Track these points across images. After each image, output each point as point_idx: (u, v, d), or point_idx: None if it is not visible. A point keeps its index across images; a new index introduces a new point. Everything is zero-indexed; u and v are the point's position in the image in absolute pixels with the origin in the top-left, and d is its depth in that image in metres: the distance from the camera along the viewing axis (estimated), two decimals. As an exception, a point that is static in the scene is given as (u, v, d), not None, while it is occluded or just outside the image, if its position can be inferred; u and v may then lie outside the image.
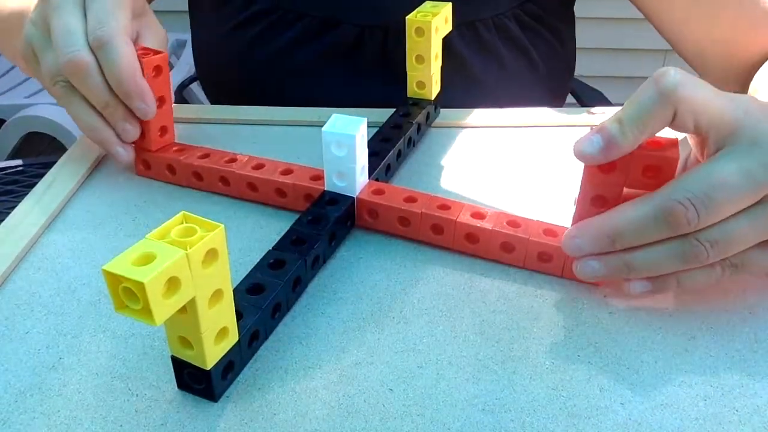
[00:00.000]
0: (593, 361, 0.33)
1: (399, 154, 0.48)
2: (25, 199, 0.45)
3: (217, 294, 0.29)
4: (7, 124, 1.53)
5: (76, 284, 0.38)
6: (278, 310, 0.35)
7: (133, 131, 0.46)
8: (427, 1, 0.52)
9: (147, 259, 0.25)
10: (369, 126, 0.41)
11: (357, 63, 0.61)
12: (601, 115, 0.56)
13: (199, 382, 0.31)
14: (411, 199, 0.41)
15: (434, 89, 0.53)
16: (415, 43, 0.50)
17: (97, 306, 0.36)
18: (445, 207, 0.40)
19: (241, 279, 0.35)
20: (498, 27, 0.62)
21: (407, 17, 0.49)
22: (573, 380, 0.32)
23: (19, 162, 0.61)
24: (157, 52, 0.45)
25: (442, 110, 0.56)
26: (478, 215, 0.39)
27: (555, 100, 0.69)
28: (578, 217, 0.35)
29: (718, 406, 0.30)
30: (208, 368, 0.30)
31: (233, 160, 0.45)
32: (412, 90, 0.53)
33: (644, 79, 0.33)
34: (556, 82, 0.68)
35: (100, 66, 0.43)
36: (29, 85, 1.63)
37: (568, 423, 0.30)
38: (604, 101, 0.95)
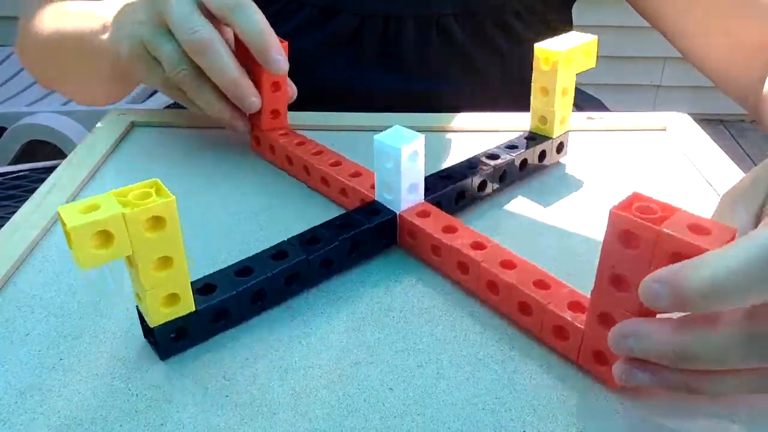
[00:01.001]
0: (593, 360, 0.33)
1: (482, 186, 0.45)
2: (27, 202, 0.45)
3: (165, 260, 0.30)
4: (8, 132, 1.53)
5: (76, 286, 0.38)
6: (262, 298, 0.35)
7: (257, 102, 0.48)
8: (573, 31, 0.47)
9: (91, 209, 0.28)
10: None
11: (358, 52, 0.62)
12: (600, 120, 0.56)
13: (151, 336, 0.33)
14: (450, 229, 0.38)
15: (558, 127, 0.48)
16: (541, 73, 0.46)
17: (97, 307, 0.36)
18: (478, 246, 0.36)
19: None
20: (497, 18, 0.63)
21: (535, 44, 0.45)
22: (573, 379, 0.32)
23: (21, 167, 0.61)
24: (280, 40, 0.46)
25: (440, 114, 0.56)
26: (508, 264, 0.35)
27: None
28: (595, 299, 0.30)
29: (718, 406, 0.30)
30: (152, 326, 0.32)
31: (320, 152, 0.47)
32: (534, 123, 0.49)
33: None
34: None
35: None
36: (30, 93, 1.64)
37: (568, 422, 0.30)
38: (603, 109, 0.96)
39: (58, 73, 0.63)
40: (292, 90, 0.51)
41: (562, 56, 0.44)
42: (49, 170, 0.51)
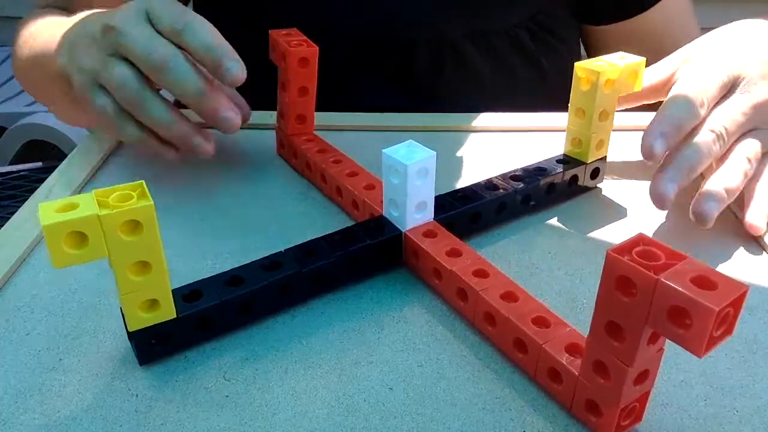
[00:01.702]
0: (593, 360, 0.33)
1: (501, 208, 0.42)
2: (27, 202, 0.45)
3: (143, 265, 0.30)
4: (8, 133, 1.53)
5: (76, 286, 0.38)
6: (249, 309, 0.34)
7: (236, 118, 0.44)
8: (620, 51, 0.44)
9: (69, 208, 0.27)
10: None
11: (372, 75, 0.62)
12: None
13: (130, 340, 0.33)
14: (454, 253, 0.36)
15: (593, 152, 0.45)
16: (579, 93, 0.43)
17: (97, 307, 0.36)
18: (481, 273, 0.34)
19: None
20: (511, 38, 0.63)
21: (576, 63, 0.43)
22: (573, 380, 0.32)
23: (21, 167, 0.61)
24: (310, 45, 0.47)
25: (452, 114, 0.55)
26: (509, 296, 0.33)
27: (562, 110, 0.70)
28: (590, 345, 0.28)
29: (718, 407, 0.30)
30: (130, 330, 0.31)
31: (338, 161, 0.46)
32: (567, 146, 0.46)
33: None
34: (565, 93, 0.69)
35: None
36: (30, 93, 1.64)
37: (568, 422, 0.30)
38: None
39: (39, 97, 0.61)
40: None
41: (604, 76, 0.41)
42: (49, 170, 0.51)
